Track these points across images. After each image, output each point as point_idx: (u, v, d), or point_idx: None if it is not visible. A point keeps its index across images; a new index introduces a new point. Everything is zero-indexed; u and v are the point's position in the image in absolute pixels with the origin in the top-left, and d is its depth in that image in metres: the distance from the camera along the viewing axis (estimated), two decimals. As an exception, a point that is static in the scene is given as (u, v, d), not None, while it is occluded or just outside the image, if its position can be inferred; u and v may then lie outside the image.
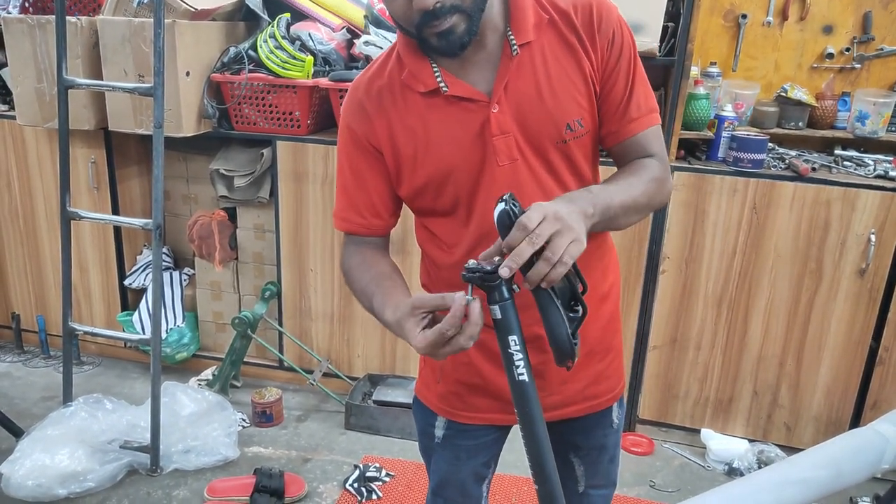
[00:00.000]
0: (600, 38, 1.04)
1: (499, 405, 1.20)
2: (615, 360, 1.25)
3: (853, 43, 2.43)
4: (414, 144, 1.07)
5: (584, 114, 1.06)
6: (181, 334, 2.87)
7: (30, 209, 2.92)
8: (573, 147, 1.07)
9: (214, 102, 2.56)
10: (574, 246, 0.87)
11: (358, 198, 1.13)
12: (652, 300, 2.45)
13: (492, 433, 1.26)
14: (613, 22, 1.05)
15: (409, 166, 1.09)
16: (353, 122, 1.11)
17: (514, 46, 1.03)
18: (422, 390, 1.29)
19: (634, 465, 2.46)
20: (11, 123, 2.78)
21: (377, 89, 1.09)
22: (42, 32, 2.46)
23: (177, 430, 2.34)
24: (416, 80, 1.06)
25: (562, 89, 1.04)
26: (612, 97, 1.07)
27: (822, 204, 2.24)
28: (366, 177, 1.12)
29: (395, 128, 1.08)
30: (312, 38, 2.50)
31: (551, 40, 1.05)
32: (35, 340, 3.09)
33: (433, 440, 1.28)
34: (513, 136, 1.04)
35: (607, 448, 1.30)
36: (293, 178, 2.60)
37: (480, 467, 1.29)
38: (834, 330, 2.34)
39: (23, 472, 2.11)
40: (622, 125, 1.08)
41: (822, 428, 2.44)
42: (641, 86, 1.09)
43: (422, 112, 1.06)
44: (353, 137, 1.11)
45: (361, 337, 2.74)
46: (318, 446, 2.50)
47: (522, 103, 1.04)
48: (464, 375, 1.21)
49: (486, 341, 1.16)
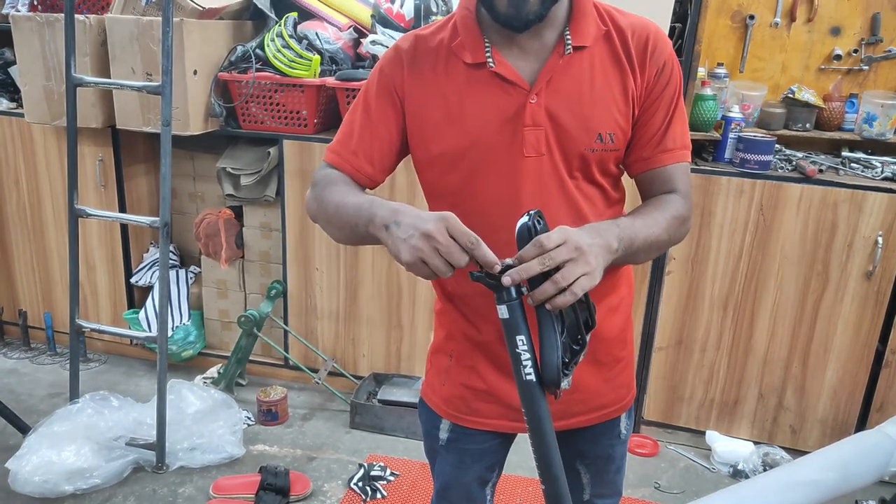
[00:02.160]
0: (650, 65, 1.06)
1: (503, 412, 1.20)
2: (624, 372, 1.24)
3: (861, 44, 2.42)
4: (444, 111, 1.07)
5: (618, 131, 1.07)
6: (187, 332, 2.88)
7: (37, 206, 2.93)
8: (600, 158, 1.07)
9: (221, 101, 2.56)
10: (585, 279, 0.88)
11: (359, 138, 1.11)
12: (657, 301, 2.44)
13: (496, 438, 1.25)
14: (666, 54, 1.08)
15: (433, 130, 1.08)
16: (386, 67, 1.11)
17: (568, 46, 1.04)
18: (427, 392, 1.29)
19: (639, 467, 2.45)
20: (20, 121, 2.79)
21: (423, 49, 1.09)
22: (51, 30, 2.47)
23: (182, 427, 2.35)
24: (464, 50, 1.06)
25: (602, 100, 1.05)
26: (650, 125, 1.08)
27: (829, 206, 2.23)
28: (375, 121, 1.11)
29: (429, 90, 1.08)
30: (319, 38, 2.50)
31: (603, 52, 1.06)
32: (42, 337, 3.11)
33: (437, 442, 1.27)
34: (544, 130, 1.04)
35: (614, 458, 1.29)
36: (300, 177, 2.60)
37: (485, 471, 1.28)
38: (840, 332, 2.33)
39: (29, 468, 2.12)
40: (654, 153, 1.09)
41: (828, 431, 2.43)
42: (680, 121, 1.10)
43: (461, 82, 1.06)
44: (381, 80, 1.11)
45: (367, 336, 2.75)
46: (323, 445, 2.51)
47: (561, 101, 1.04)
48: (469, 380, 1.20)
49: (491, 347, 1.16)
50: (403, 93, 1.09)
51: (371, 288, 2.67)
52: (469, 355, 1.20)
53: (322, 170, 1.15)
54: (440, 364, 1.25)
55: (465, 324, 1.18)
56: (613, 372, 1.21)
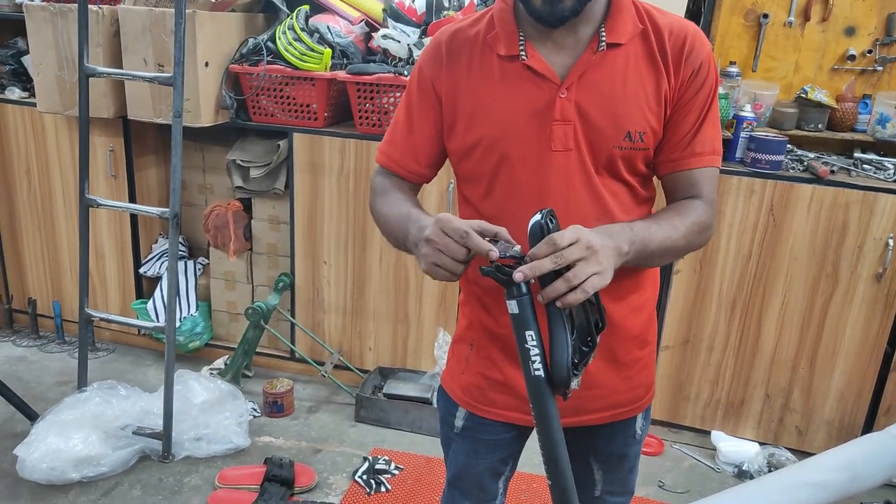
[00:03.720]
0: (686, 66, 1.05)
1: (517, 404, 1.20)
2: (643, 372, 1.23)
3: (875, 45, 2.40)
4: (476, 102, 1.08)
5: (648, 130, 1.06)
6: (194, 323, 2.89)
7: (48, 196, 2.95)
8: (628, 156, 1.07)
9: (232, 93, 2.57)
10: (597, 279, 0.88)
11: (404, 137, 1.16)
12: (665, 300, 2.44)
13: (511, 431, 1.25)
14: (704, 56, 1.06)
15: (465, 121, 1.09)
16: (425, 65, 1.13)
17: (602, 42, 1.04)
18: (446, 379, 1.30)
19: (643, 465, 2.42)
20: (32, 111, 2.80)
21: (460, 41, 1.11)
22: (64, 20, 2.48)
23: (189, 417, 2.36)
24: (498, 42, 1.07)
25: (634, 98, 1.04)
26: (681, 126, 1.08)
27: (841, 207, 2.22)
28: (417, 119, 1.14)
29: (462, 82, 1.09)
30: (331, 31, 2.50)
31: (639, 51, 1.06)
32: (51, 326, 3.13)
33: (452, 430, 1.28)
34: (573, 125, 1.04)
35: (628, 457, 1.28)
36: (309, 171, 2.61)
37: (497, 464, 1.28)
38: (849, 334, 2.32)
39: (37, 455, 2.13)
40: (683, 155, 1.08)
41: (834, 433, 2.42)
42: (712, 125, 1.09)
43: (494, 75, 1.07)
44: (421, 79, 1.13)
45: (373, 330, 2.75)
46: (329, 438, 2.52)
47: (591, 97, 1.04)
48: (486, 369, 1.21)
49: (509, 340, 1.16)
50: (441, 87, 1.11)
51: (378, 282, 2.68)
52: (487, 346, 1.20)
53: (377, 175, 1.21)
54: (460, 352, 1.26)
55: (485, 315, 1.19)
56: (632, 371, 1.20)
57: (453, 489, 1.33)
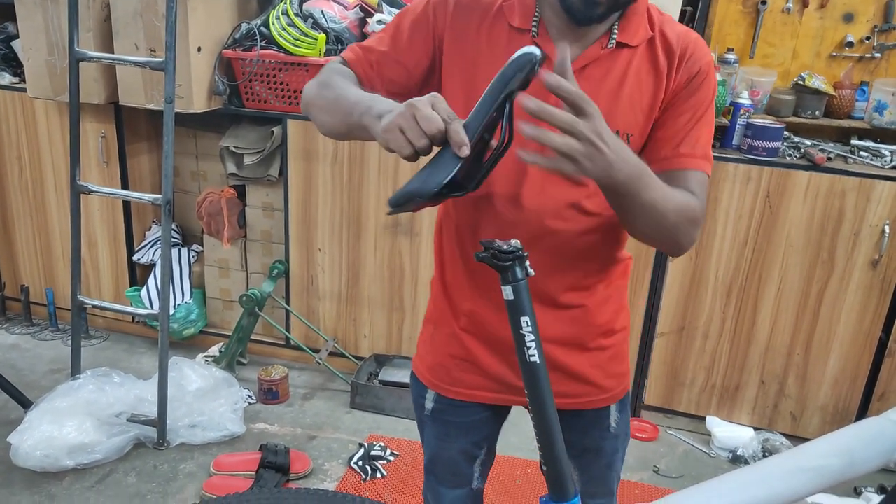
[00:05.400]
0: (683, 71, 1.05)
1: (485, 383, 1.19)
2: (612, 361, 1.20)
3: (874, 32, 2.39)
4: (474, 67, 1.05)
5: (636, 133, 1.05)
6: (189, 311, 2.88)
7: (39, 182, 2.92)
8: None
9: (225, 79, 2.54)
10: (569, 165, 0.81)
11: (381, 56, 1.10)
12: (661, 287, 2.43)
13: (482, 412, 1.24)
14: (703, 63, 1.05)
15: (458, 81, 1.07)
16: (434, 3, 1.09)
17: (612, 39, 1.03)
18: (416, 362, 1.29)
19: (638, 451, 2.46)
20: (22, 96, 2.77)
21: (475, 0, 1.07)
22: (54, 5, 2.44)
23: (183, 404, 2.36)
24: (513, 12, 1.05)
25: (629, 99, 1.04)
26: (673, 125, 1.06)
27: (837, 194, 2.22)
28: (402, 48, 1.09)
29: (468, 40, 1.06)
30: (325, 16, 2.48)
31: (643, 57, 1.05)
32: (44, 313, 3.11)
33: (423, 412, 1.28)
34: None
35: (603, 453, 1.25)
36: (303, 157, 2.59)
37: (471, 446, 1.27)
38: (844, 321, 2.32)
39: (31, 442, 2.13)
40: (674, 154, 1.05)
41: (829, 418, 2.44)
42: (706, 130, 1.07)
43: (500, 43, 1.05)
44: (424, 13, 1.09)
45: (368, 317, 2.74)
46: (324, 424, 2.52)
47: (588, 90, 1.00)
48: (452, 348, 1.20)
49: (474, 317, 1.16)
50: (444, 36, 1.08)
51: (373, 269, 2.67)
52: (451, 324, 1.20)
53: (336, 63, 1.12)
54: (426, 333, 1.26)
55: (450, 292, 1.19)
56: (599, 359, 1.18)
57: (429, 475, 1.33)
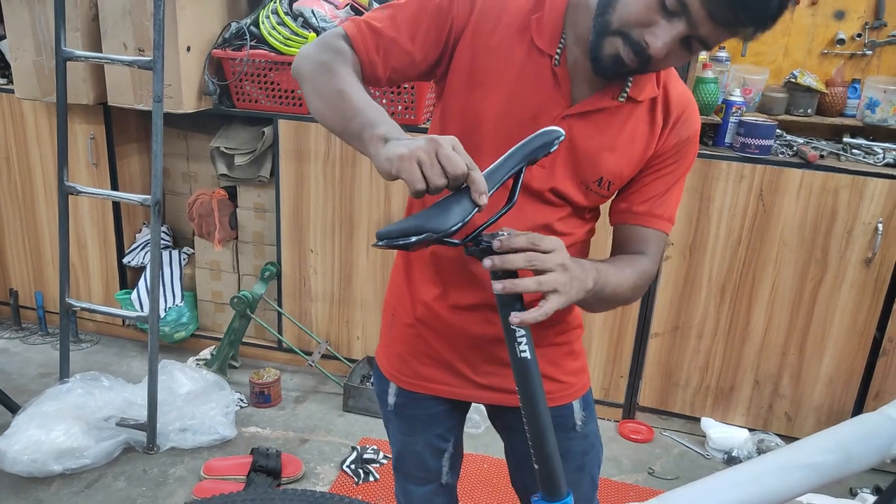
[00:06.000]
0: (673, 134, 1.06)
1: (444, 376, 1.18)
2: (566, 358, 1.20)
3: (865, 29, 2.39)
4: (485, 76, 1.02)
5: (617, 182, 1.07)
6: (180, 313, 2.85)
7: (28, 185, 2.89)
8: (591, 195, 1.08)
9: (215, 79, 2.52)
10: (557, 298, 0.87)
11: (390, 42, 1.02)
12: (654, 287, 2.42)
13: (443, 404, 1.22)
14: (693, 129, 1.08)
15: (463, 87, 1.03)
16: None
17: (624, 94, 1.02)
18: (379, 354, 1.27)
19: (633, 452, 2.45)
20: (10, 97, 2.74)
21: (503, 4, 1.02)
22: (41, 4, 2.42)
23: (174, 408, 2.33)
24: (541, 31, 1.00)
25: (622, 151, 1.04)
26: (653, 185, 1.09)
27: (830, 192, 2.21)
28: (412, 36, 1.02)
29: (487, 44, 1.01)
30: (315, 15, 2.46)
31: (644, 112, 1.05)
32: (33, 317, 3.08)
33: (387, 408, 1.26)
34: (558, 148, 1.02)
35: (571, 455, 1.21)
36: (294, 158, 2.57)
37: (436, 440, 1.25)
38: (838, 320, 2.32)
39: (18, 447, 2.10)
40: (648, 212, 1.09)
41: (823, 419, 2.42)
42: (677, 195, 1.11)
43: (517, 57, 1.01)
44: (442, 6, 1.02)
45: (361, 319, 2.72)
46: (316, 427, 2.49)
47: (588, 133, 1.03)
48: (411, 340, 1.19)
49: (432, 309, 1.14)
50: (461, 32, 1.02)
51: (366, 270, 2.65)
52: (409, 314, 1.18)
53: (338, 38, 1.02)
54: (386, 320, 1.24)
55: (407, 282, 1.18)
56: (555, 356, 1.17)
57: (398, 472, 1.32)
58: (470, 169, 0.79)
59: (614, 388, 2.58)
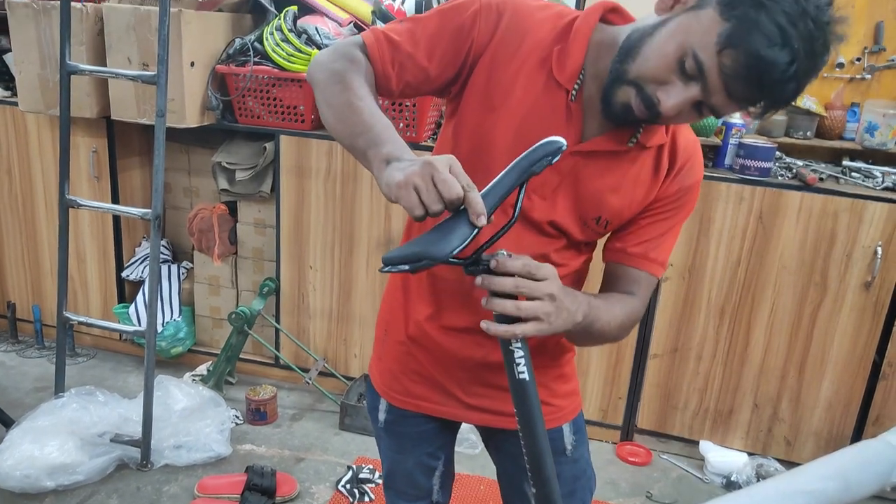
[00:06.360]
0: (676, 181, 1.07)
1: (434, 395, 1.18)
2: (556, 381, 1.19)
3: (864, 53, 2.41)
4: (503, 97, 1.00)
5: (615, 222, 1.07)
6: (177, 328, 2.84)
7: (29, 197, 2.89)
8: (587, 231, 1.08)
9: (219, 94, 2.53)
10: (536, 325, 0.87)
11: (407, 57, 1.01)
12: (653, 308, 2.41)
13: (432, 422, 1.22)
14: (695, 178, 1.08)
15: (483, 105, 1.02)
16: (483, 12, 1.00)
17: (634, 139, 1.01)
18: (372, 368, 1.27)
19: (631, 476, 2.42)
20: (13, 109, 2.75)
21: (525, 29, 0.99)
22: (47, 18, 2.44)
23: (169, 424, 2.31)
24: (562, 64, 0.98)
25: (625, 193, 1.04)
26: (651, 228, 1.09)
27: (829, 215, 2.21)
28: (430, 53, 1.00)
29: (507, 69, 1.00)
30: (319, 32, 2.48)
31: (650, 157, 1.05)
32: (30, 330, 3.06)
33: (378, 424, 1.26)
34: (561, 181, 1.03)
35: (562, 480, 1.15)
36: (296, 173, 2.57)
37: (426, 458, 1.25)
38: (837, 343, 2.31)
39: (11, 462, 2.08)
40: (643, 255, 1.10)
41: (823, 444, 2.40)
42: (672, 240, 1.12)
43: (536, 88, 0.99)
44: (470, 19, 1.00)
45: (359, 337, 2.71)
46: (312, 446, 2.47)
47: (593, 172, 1.03)
48: (402, 357, 1.18)
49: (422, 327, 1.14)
50: (482, 53, 1.00)
51: (365, 287, 2.64)
52: (402, 331, 1.18)
53: (355, 48, 1.01)
54: (379, 334, 1.24)
55: (403, 299, 1.17)
56: (545, 379, 1.16)
57: (388, 490, 1.31)
58: (467, 190, 0.79)
59: (612, 409, 2.56)
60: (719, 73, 0.84)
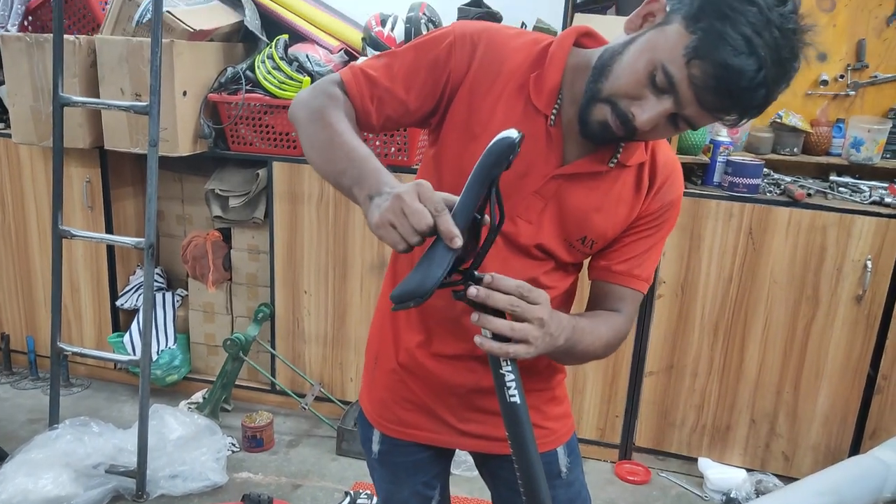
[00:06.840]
0: (658, 197, 1.08)
1: (427, 423, 1.17)
2: (549, 404, 1.19)
3: (847, 70, 2.45)
4: (482, 126, 1.01)
5: (600, 242, 1.08)
6: (172, 356, 2.83)
7: (23, 229, 2.90)
8: (574, 252, 1.09)
9: (211, 122, 2.55)
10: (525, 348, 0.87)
11: (385, 92, 1.03)
12: (648, 325, 2.42)
13: (426, 450, 1.21)
14: (676, 194, 1.10)
15: (464, 135, 1.02)
16: (458, 43, 1.01)
17: (615, 159, 1.03)
18: (363, 398, 1.26)
19: (630, 495, 2.41)
20: (7, 142, 2.77)
21: (502, 58, 1.01)
22: (40, 51, 2.46)
23: (164, 454, 2.29)
24: (539, 90, 1.00)
25: (606, 213, 1.06)
26: (634, 246, 1.10)
27: (818, 230, 2.23)
28: (409, 81, 1.02)
29: (485, 99, 1.01)
30: (310, 60, 2.51)
31: (631, 176, 1.06)
32: (24, 362, 3.05)
33: (371, 455, 1.25)
34: (546, 205, 1.04)
35: (557, 501, 1.18)
36: (288, 199, 2.59)
37: (422, 487, 1.24)
38: (832, 357, 2.32)
39: (5, 496, 2.05)
40: (628, 272, 1.11)
41: (821, 458, 2.40)
42: (656, 256, 1.13)
43: (515, 116, 1.01)
44: (444, 52, 1.01)
45: (354, 361, 2.71)
46: (309, 472, 2.46)
47: (577, 194, 1.04)
48: (394, 385, 1.18)
49: (413, 354, 1.14)
50: (459, 85, 1.02)
51: (359, 311, 2.64)
52: (392, 359, 1.17)
53: (333, 85, 1.03)
54: (369, 364, 1.24)
55: (392, 327, 1.17)
56: (537, 402, 1.16)
57: None
58: (436, 216, 0.79)
59: (610, 428, 2.56)
60: (689, 85, 0.86)
